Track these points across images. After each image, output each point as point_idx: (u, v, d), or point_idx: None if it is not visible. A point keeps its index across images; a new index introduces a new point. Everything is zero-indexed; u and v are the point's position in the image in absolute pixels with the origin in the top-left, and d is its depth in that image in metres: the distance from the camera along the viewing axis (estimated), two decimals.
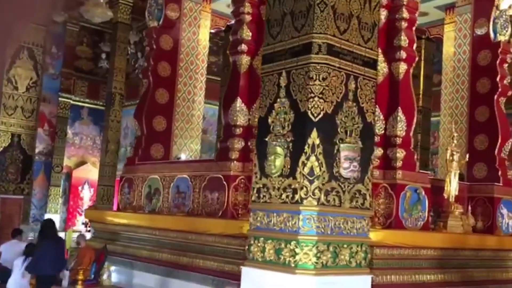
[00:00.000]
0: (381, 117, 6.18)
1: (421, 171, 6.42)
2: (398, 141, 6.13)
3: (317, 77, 3.73)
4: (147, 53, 7.81)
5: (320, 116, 3.72)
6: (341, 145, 3.80)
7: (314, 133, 3.70)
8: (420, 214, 6.17)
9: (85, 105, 17.35)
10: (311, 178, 3.69)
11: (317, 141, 3.70)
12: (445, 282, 6.15)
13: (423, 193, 6.21)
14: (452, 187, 6.82)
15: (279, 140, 3.82)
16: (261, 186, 3.97)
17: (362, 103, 3.99)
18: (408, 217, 6.05)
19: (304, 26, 3.83)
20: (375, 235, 5.50)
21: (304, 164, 3.69)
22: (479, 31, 7.70)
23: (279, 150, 3.80)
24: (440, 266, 6.17)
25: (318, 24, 3.77)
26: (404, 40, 6.29)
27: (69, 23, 16.62)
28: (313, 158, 3.69)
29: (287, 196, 3.76)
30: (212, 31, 9.83)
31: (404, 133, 6.19)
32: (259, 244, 3.89)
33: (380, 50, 6.24)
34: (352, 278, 3.83)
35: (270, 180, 3.88)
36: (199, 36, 8.44)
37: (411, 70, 6.42)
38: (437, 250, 6.15)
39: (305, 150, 3.70)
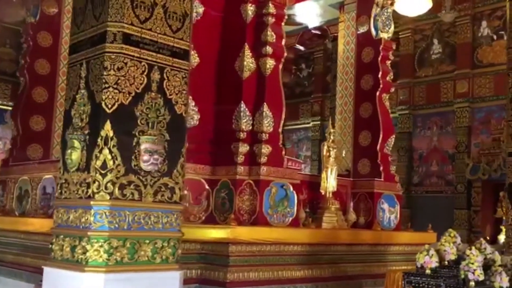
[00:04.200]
0: (247, 113, 6.13)
1: (290, 166, 6.36)
2: (265, 137, 6.09)
3: (112, 67, 3.60)
4: (24, 50, 7.57)
5: (114, 107, 3.59)
6: (141, 138, 3.68)
7: (108, 125, 3.56)
8: (288, 210, 6.12)
9: (9, 109, 16.81)
10: (103, 172, 3.55)
11: (111, 133, 3.56)
12: (313, 278, 6.13)
13: (291, 188, 6.16)
14: (329, 182, 6.80)
15: (75, 133, 3.67)
16: (63, 181, 3.81)
17: (170, 95, 3.87)
18: (273, 213, 5.99)
19: (101, 15, 3.70)
20: (231, 232, 5.46)
21: (97, 158, 3.56)
22: (361, 29, 7.76)
23: (76, 143, 3.65)
24: (308, 262, 6.12)
25: (113, 12, 3.64)
26: (271, 36, 6.27)
27: None
28: (106, 151, 3.55)
29: (82, 191, 3.61)
30: None
31: (271, 129, 6.16)
32: (59, 242, 3.73)
33: (247, 46, 6.25)
34: (156, 274, 3.69)
35: (70, 175, 3.74)
36: None
37: (280, 66, 6.39)
38: (305, 245, 6.11)
39: (98, 143, 3.56)
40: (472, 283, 4.94)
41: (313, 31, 10.04)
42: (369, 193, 7.29)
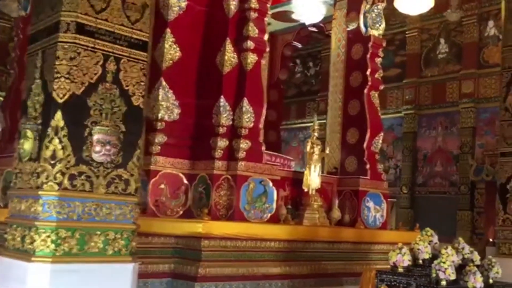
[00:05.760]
0: (228, 108, 6.10)
1: (269, 162, 6.32)
2: (244, 132, 6.05)
3: (64, 57, 3.59)
4: (15, 43, 7.62)
5: (66, 97, 3.59)
6: (94, 128, 3.67)
7: (58, 115, 3.56)
8: (266, 206, 6.08)
9: None
10: (53, 162, 3.55)
11: (61, 123, 3.56)
12: (290, 275, 6.07)
13: (271, 184, 6.11)
14: (312, 179, 6.74)
15: (29, 123, 3.68)
16: (18, 171, 3.82)
17: (127, 86, 3.86)
18: (251, 209, 5.95)
19: (56, 5, 3.70)
20: (203, 226, 5.43)
21: (47, 148, 3.56)
22: (351, 25, 7.67)
23: (29, 133, 3.66)
24: (286, 258, 6.07)
25: (67, 2, 3.63)
26: (253, 30, 6.22)
27: (1, 19, 16.33)
28: (56, 141, 3.55)
29: (33, 181, 3.61)
30: None
31: (251, 125, 6.11)
32: (12, 232, 3.73)
33: (229, 40, 6.22)
34: (107, 266, 3.67)
35: (24, 165, 3.74)
36: None
37: (262, 61, 6.35)
38: (283, 242, 6.05)
39: (48, 133, 3.56)
40: (444, 282, 4.85)
41: (310, 28, 9.92)
42: (354, 191, 7.21)
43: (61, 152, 3.55)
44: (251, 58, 6.19)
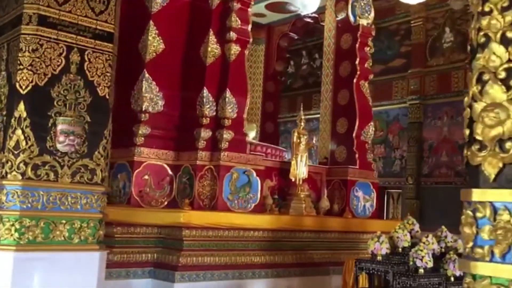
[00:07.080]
0: (211, 98, 6.12)
1: (253, 153, 6.34)
2: (227, 122, 6.06)
3: (27, 49, 3.65)
4: None
5: (28, 88, 3.64)
6: (57, 119, 3.72)
7: (21, 106, 3.62)
8: (250, 196, 6.10)
9: None
10: (16, 152, 3.62)
11: (24, 114, 3.62)
12: (274, 264, 6.09)
13: (254, 174, 6.13)
14: (299, 169, 6.74)
15: None
16: None
17: (92, 77, 3.90)
18: (234, 199, 5.97)
19: None
20: (184, 216, 5.48)
21: (10, 138, 3.62)
22: (340, 15, 7.63)
23: None
24: (270, 247, 6.09)
25: None
26: (235, 21, 6.22)
27: None
28: (19, 131, 3.62)
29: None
30: None
31: (234, 115, 6.12)
32: None
33: (212, 31, 6.24)
34: (73, 254, 3.74)
35: None
36: None
37: (246, 52, 6.35)
38: (266, 231, 6.07)
39: (12, 124, 3.63)
40: (421, 270, 4.84)
41: (305, 19, 9.89)
42: (343, 180, 7.19)
43: (24, 142, 3.61)
44: (234, 49, 6.20)
